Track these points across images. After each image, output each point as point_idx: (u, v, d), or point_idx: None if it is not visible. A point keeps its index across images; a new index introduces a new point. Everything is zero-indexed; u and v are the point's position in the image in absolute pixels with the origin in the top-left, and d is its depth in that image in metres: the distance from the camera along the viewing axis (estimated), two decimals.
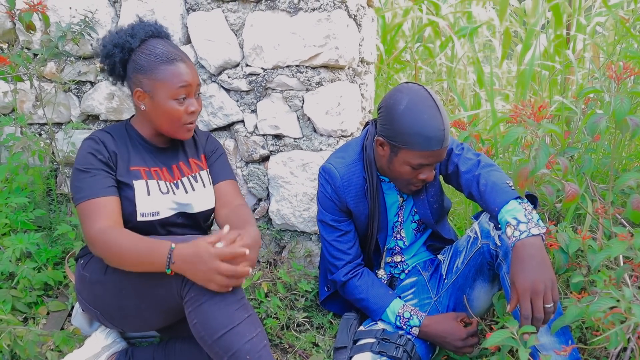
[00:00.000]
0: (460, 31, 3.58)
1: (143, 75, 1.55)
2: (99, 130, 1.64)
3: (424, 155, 1.53)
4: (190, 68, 1.59)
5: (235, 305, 1.35)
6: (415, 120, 1.50)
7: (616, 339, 1.23)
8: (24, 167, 2.20)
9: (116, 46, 1.58)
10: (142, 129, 1.67)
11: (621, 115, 1.43)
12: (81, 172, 1.53)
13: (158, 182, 1.61)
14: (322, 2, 1.86)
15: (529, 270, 1.33)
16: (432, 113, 1.50)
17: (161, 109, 1.56)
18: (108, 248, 1.42)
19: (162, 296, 1.43)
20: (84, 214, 1.48)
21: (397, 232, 1.82)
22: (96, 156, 1.55)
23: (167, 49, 1.57)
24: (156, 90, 1.55)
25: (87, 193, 1.50)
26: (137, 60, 1.56)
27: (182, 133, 1.61)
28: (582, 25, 3.33)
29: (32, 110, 2.30)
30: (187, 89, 1.56)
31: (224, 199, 1.72)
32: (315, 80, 1.93)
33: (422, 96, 1.53)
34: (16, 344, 1.61)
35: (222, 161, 1.81)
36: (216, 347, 1.34)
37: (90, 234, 1.44)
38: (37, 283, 2.00)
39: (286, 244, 2.18)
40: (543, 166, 1.34)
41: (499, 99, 3.67)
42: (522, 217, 1.40)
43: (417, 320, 1.65)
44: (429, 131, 1.49)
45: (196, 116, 1.62)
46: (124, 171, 1.58)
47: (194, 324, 1.35)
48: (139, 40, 1.57)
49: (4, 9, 2.03)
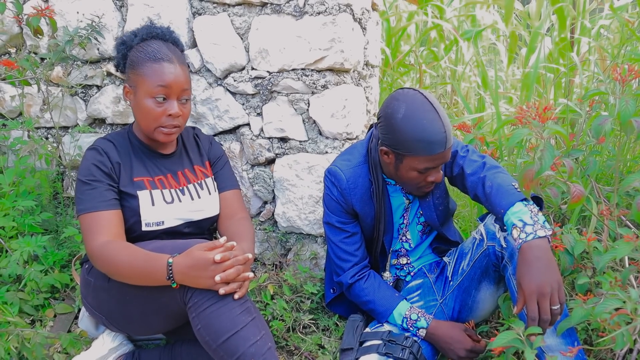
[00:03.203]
0: (465, 34, 3.59)
1: (131, 70, 1.59)
2: (102, 139, 1.64)
3: (429, 160, 1.53)
4: (177, 70, 1.56)
5: (238, 309, 1.35)
6: (415, 127, 1.50)
7: (622, 340, 1.23)
8: (31, 170, 2.22)
9: (123, 43, 1.63)
10: (141, 134, 1.68)
11: (626, 117, 1.43)
12: (83, 184, 1.54)
13: (162, 192, 1.61)
14: (327, 6, 1.87)
15: (536, 272, 1.33)
16: (431, 117, 1.50)
17: (139, 106, 1.57)
18: (107, 264, 1.44)
19: (165, 303, 1.43)
20: (85, 227, 1.51)
21: (403, 234, 1.82)
22: (99, 167, 1.55)
23: (160, 48, 1.58)
24: (138, 85, 1.57)
25: (88, 205, 1.51)
26: (131, 56, 1.61)
27: (158, 135, 1.59)
28: (586, 28, 3.33)
29: (39, 114, 2.32)
30: (165, 89, 1.54)
31: (228, 210, 1.75)
32: (321, 84, 1.94)
33: (419, 101, 1.53)
34: (24, 346, 1.62)
35: (227, 169, 1.82)
36: (221, 351, 1.34)
37: (91, 249, 1.46)
38: (44, 286, 2.01)
39: (292, 247, 2.19)
40: (548, 167, 1.34)
41: (503, 102, 3.68)
42: (528, 219, 1.40)
43: (424, 322, 1.65)
44: (430, 136, 1.49)
45: (177, 121, 1.59)
46: (128, 182, 1.59)
47: (198, 329, 1.35)
48: (139, 39, 1.61)
49: (11, 13, 2.05)
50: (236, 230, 1.67)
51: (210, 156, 1.81)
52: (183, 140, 1.78)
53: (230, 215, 1.74)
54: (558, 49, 3.24)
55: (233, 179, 1.82)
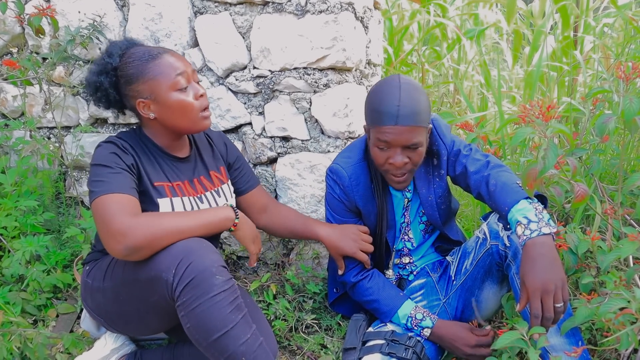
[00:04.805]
0: (468, 33, 3.58)
1: (136, 83, 1.50)
2: (115, 137, 1.54)
3: (381, 132, 1.53)
4: (177, 56, 1.54)
5: (228, 308, 1.33)
6: (374, 98, 1.57)
7: (627, 340, 1.22)
8: (33, 170, 2.22)
9: (100, 74, 1.54)
10: (157, 138, 1.59)
11: (630, 116, 1.42)
12: (104, 167, 1.43)
13: (182, 199, 1.55)
14: (329, 5, 1.86)
15: (540, 269, 1.32)
16: (390, 91, 1.53)
17: (169, 106, 1.50)
18: (150, 228, 1.34)
19: (156, 301, 1.41)
20: (105, 208, 1.35)
21: (405, 233, 1.81)
22: (120, 157, 1.46)
23: (147, 49, 1.54)
24: (154, 90, 1.49)
25: (111, 187, 1.39)
26: (123, 73, 1.51)
27: (202, 122, 1.55)
28: (589, 27, 3.32)
29: (41, 114, 2.32)
30: (183, 75, 1.51)
31: (259, 205, 1.84)
32: (323, 82, 1.94)
33: (390, 79, 1.58)
34: (26, 346, 1.62)
35: (247, 166, 1.86)
36: (211, 349, 1.34)
37: (121, 226, 1.32)
38: (47, 286, 2.01)
39: (294, 246, 2.18)
40: (552, 166, 1.33)
41: (506, 101, 3.66)
42: (532, 217, 1.39)
43: (430, 321, 1.64)
44: (382, 106, 1.52)
45: (206, 100, 1.56)
46: (148, 185, 1.51)
47: (188, 327, 1.34)
48: (118, 57, 1.53)
49: (13, 13, 2.05)
50: (288, 215, 1.87)
51: (229, 159, 1.79)
52: (195, 142, 1.73)
53: (262, 209, 1.84)
54: (561, 48, 3.23)
55: (254, 175, 1.88)
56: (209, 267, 1.33)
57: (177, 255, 1.34)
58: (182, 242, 1.37)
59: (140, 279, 1.40)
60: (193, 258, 1.33)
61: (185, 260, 1.32)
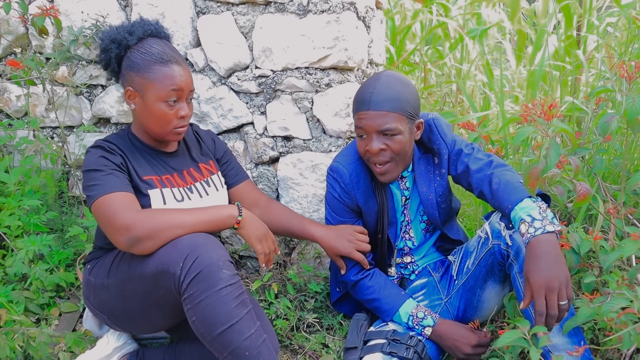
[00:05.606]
0: (471, 33, 3.57)
1: (136, 73, 1.53)
2: (102, 141, 1.59)
3: (357, 118, 1.60)
4: (185, 72, 1.56)
5: (233, 302, 1.35)
6: (357, 90, 1.64)
7: (629, 340, 1.22)
8: (37, 170, 2.22)
9: (113, 42, 1.56)
10: (142, 135, 1.64)
11: (633, 115, 1.41)
12: (96, 171, 1.48)
13: (172, 190, 1.59)
14: (331, 4, 1.87)
15: (544, 266, 1.32)
16: (369, 82, 1.61)
17: (150, 110, 1.54)
18: (154, 222, 1.39)
19: (161, 296, 1.43)
20: (107, 208, 1.41)
21: (406, 231, 1.81)
22: (109, 159, 1.51)
23: (164, 49, 1.55)
24: (147, 90, 1.53)
25: (107, 188, 1.44)
26: (131, 57, 1.55)
27: (171, 136, 1.60)
28: (593, 26, 3.31)
29: (44, 114, 2.33)
30: (178, 92, 1.54)
31: (249, 200, 1.82)
32: (325, 82, 1.94)
33: (376, 74, 1.65)
34: (29, 345, 1.62)
35: (235, 161, 1.86)
36: (215, 343, 1.35)
37: (126, 221, 1.37)
38: (50, 284, 2.01)
39: (296, 245, 2.18)
40: (554, 165, 1.33)
41: (509, 101, 3.66)
42: (536, 215, 1.39)
43: (431, 320, 1.64)
44: (359, 94, 1.60)
45: (186, 121, 1.60)
46: (137, 181, 1.55)
47: (193, 320, 1.35)
48: (137, 38, 1.55)
49: (17, 14, 2.06)
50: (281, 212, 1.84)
51: (217, 154, 1.81)
52: (184, 138, 1.76)
53: (255, 203, 1.83)
54: (564, 47, 3.22)
55: (242, 170, 1.88)
56: (215, 261, 1.35)
57: (184, 250, 1.36)
58: (188, 237, 1.39)
59: (146, 274, 1.41)
60: (200, 252, 1.35)
61: (193, 254, 1.34)
